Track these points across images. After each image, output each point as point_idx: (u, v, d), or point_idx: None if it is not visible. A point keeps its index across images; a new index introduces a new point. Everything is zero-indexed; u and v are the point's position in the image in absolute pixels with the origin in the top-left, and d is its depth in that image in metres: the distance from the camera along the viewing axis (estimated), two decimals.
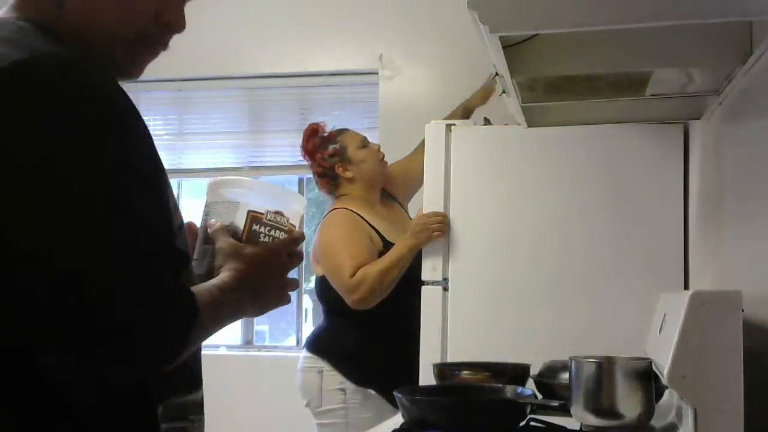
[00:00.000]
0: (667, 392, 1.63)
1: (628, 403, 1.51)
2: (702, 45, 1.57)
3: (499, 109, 2.46)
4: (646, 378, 1.53)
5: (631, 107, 2.14)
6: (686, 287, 2.40)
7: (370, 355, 2.52)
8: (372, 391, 2.56)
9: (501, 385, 1.80)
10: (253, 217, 1.15)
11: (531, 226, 2.56)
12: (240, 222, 1.15)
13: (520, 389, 1.75)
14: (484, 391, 1.84)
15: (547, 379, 1.94)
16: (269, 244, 1.14)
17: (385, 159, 2.85)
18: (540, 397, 1.86)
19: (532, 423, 1.64)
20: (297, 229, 1.19)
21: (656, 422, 1.57)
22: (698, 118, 2.11)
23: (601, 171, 2.53)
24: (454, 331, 2.59)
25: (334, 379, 2.60)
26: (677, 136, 2.48)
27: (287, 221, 1.17)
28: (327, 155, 2.82)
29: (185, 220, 1.21)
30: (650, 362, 1.55)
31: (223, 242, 1.13)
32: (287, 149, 3.69)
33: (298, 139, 3.61)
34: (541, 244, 2.54)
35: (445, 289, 2.62)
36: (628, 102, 2.08)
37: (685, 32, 1.56)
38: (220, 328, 1.07)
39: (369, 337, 2.60)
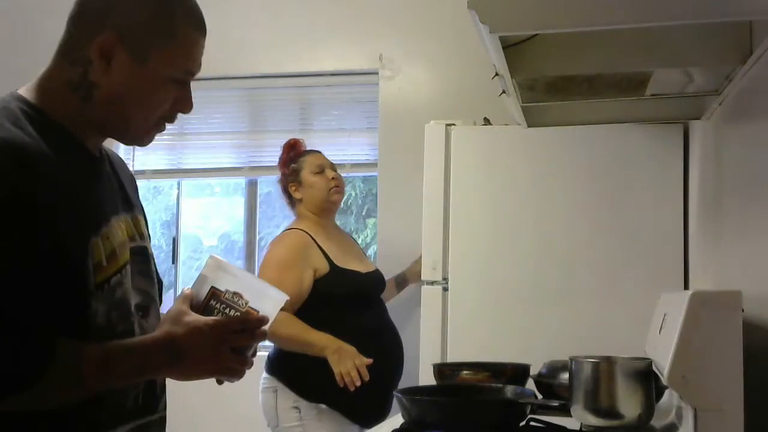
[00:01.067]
0: (667, 392, 1.63)
1: (628, 403, 1.51)
2: (702, 45, 1.57)
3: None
4: (646, 378, 1.52)
5: (631, 107, 2.14)
6: (686, 287, 2.40)
7: (319, 370, 2.55)
8: (324, 406, 2.58)
9: (501, 385, 1.80)
10: (213, 293, 1.27)
11: (531, 226, 2.56)
12: (202, 294, 1.28)
13: (520, 389, 1.75)
14: (484, 391, 1.84)
15: (547, 379, 1.94)
16: (212, 318, 1.23)
17: (340, 190, 2.86)
18: (540, 397, 1.86)
19: (532, 423, 1.64)
20: (260, 314, 1.27)
21: (656, 422, 1.57)
22: (698, 118, 2.11)
23: (601, 171, 2.54)
24: (454, 331, 2.59)
25: (288, 397, 2.63)
26: (677, 136, 2.48)
27: (245, 304, 1.27)
28: (287, 172, 2.92)
29: (185, 218, 1.28)
30: (650, 362, 1.54)
31: (174, 307, 1.23)
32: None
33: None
34: (541, 244, 2.55)
35: (445, 289, 2.62)
36: (628, 102, 2.08)
37: (685, 32, 1.56)
38: (123, 378, 1.16)
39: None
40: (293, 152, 2.96)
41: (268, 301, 1.30)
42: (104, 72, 1.16)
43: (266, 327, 1.26)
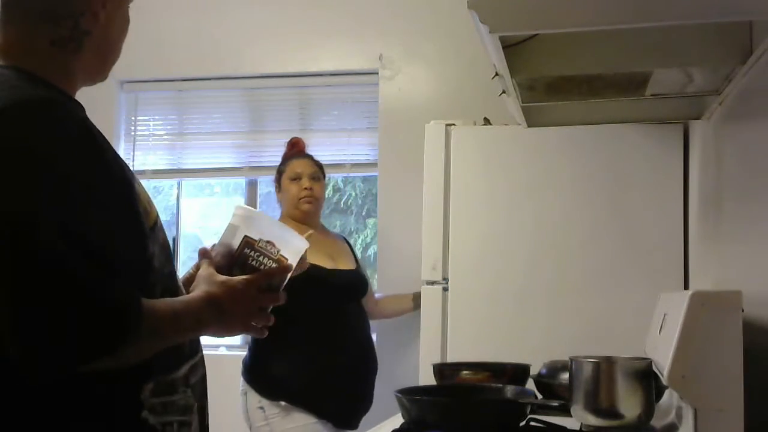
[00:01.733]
0: (667, 392, 1.63)
1: (628, 403, 1.52)
2: (702, 45, 1.57)
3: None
4: (646, 378, 1.53)
5: (631, 107, 2.14)
6: (686, 287, 2.40)
7: (275, 368, 2.62)
8: (284, 403, 2.61)
9: (501, 385, 1.80)
10: (247, 242, 1.29)
11: (531, 226, 2.56)
12: (235, 243, 1.30)
13: (520, 389, 1.75)
14: (484, 391, 1.84)
15: (547, 379, 1.94)
16: (243, 277, 1.26)
17: (310, 201, 2.87)
18: (540, 397, 1.86)
19: (532, 423, 1.64)
20: (288, 262, 1.31)
21: (656, 422, 1.57)
22: (698, 118, 2.11)
23: (601, 171, 2.53)
24: (454, 331, 2.59)
25: (254, 398, 2.68)
26: (677, 136, 2.48)
27: (277, 252, 1.30)
28: (277, 170, 3.00)
29: (185, 218, 1.29)
30: (650, 362, 1.55)
31: (203, 270, 1.27)
32: None
33: None
34: (541, 244, 2.54)
35: (445, 289, 2.62)
36: (628, 102, 2.08)
37: (685, 32, 1.56)
38: (184, 334, 1.20)
39: (278, 353, 2.64)
40: (289, 152, 3.03)
41: (291, 248, 1.33)
42: (96, 19, 1.21)
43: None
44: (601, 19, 1.29)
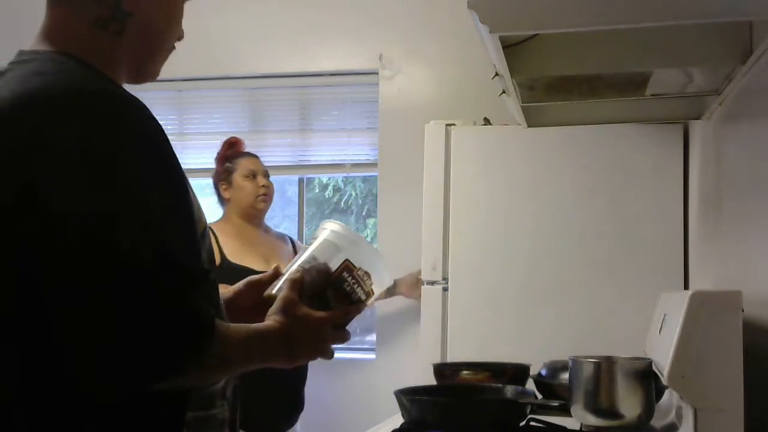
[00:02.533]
0: (667, 392, 1.63)
1: (628, 403, 1.52)
2: (702, 45, 1.57)
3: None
4: (646, 378, 1.53)
5: (631, 107, 2.14)
6: (686, 287, 2.40)
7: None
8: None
9: (501, 385, 1.80)
10: (347, 266, 1.26)
11: (531, 226, 2.56)
12: (334, 265, 1.26)
13: (520, 389, 1.75)
14: (484, 391, 1.84)
15: (547, 379, 1.94)
16: (322, 313, 1.21)
17: (267, 199, 2.88)
18: (540, 397, 1.86)
19: (532, 423, 1.64)
20: (371, 298, 1.28)
21: (656, 422, 1.57)
22: (698, 118, 2.11)
23: (601, 171, 2.53)
24: (454, 331, 2.59)
25: None
26: (677, 136, 2.48)
27: (370, 285, 1.28)
28: (220, 170, 2.95)
29: None
30: (650, 362, 1.55)
31: (287, 293, 1.20)
32: (287, 149, 3.69)
33: (298, 139, 3.61)
34: (541, 244, 2.54)
35: (445, 289, 2.62)
36: (628, 102, 2.08)
37: (685, 32, 1.56)
38: (249, 365, 1.12)
39: None
40: (231, 151, 2.98)
41: (380, 283, 1.30)
42: (136, 2, 1.15)
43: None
44: (601, 19, 1.29)
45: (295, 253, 2.97)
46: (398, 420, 1.68)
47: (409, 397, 1.63)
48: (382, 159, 3.46)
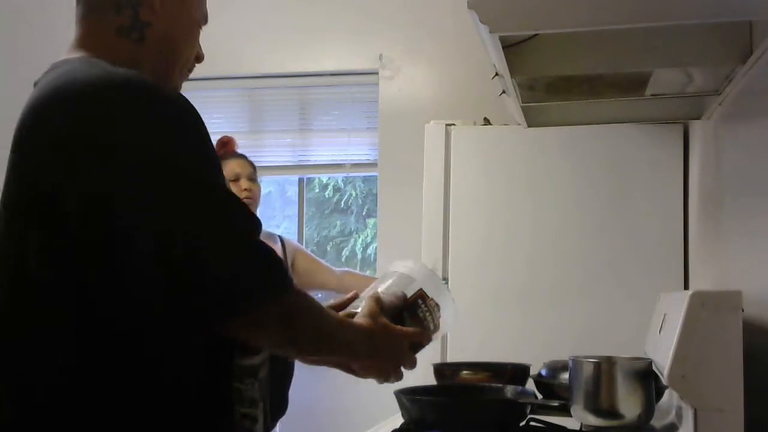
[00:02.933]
0: (667, 392, 1.63)
1: (628, 403, 1.52)
2: (702, 45, 1.57)
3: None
4: (646, 378, 1.53)
5: (631, 107, 2.14)
6: (686, 287, 2.40)
7: None
8: None
9: (501, 385, 1.80)
10: (422, 294, 1.36)
11: (531, 226, 2.56)
12: (409, 292, 1.36)
13: (520, 389, 1.75)
14: (484, 391, 1.84)
15: (547, 379, 1.94)
16: (403, 328, 1.31)
17: (250, 203, 2.87)
18: (540, 397, 1.86)
19: (532, 423, 1.64)
20: (438, 332, 1.38)
21: (656, 422, 1.57)
22: (698, 118, 2.11)
23: (601, 171, 2.54)
24: (454, 331, 2.58)
25: None
26: (677, 136, 2.48)
27: (439, 317, 1.38)
28: None
29: None
30: (650, 362, 1.55)
31: (371, 304, 1.29)
32: (287, 149, 3.69)
33: (299, 139, 3.61)
34: (541, 244, 2.54)
35: None
36: (628, 102, 2.07)
37: (685, 32, 1.56)
38: (333, 345, 1.21)
39: None
40: (222, 151, 2.99)
41: (446, 317, 1.40)
42: (153, 11, 1.23)
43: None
44: (601, 19, 1.29)
45: (284, 250, 2.99)
46: (398, 420, 1.68)
47: (409, 397, 1.63)
48: (382, 159, 3.46)
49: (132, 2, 1.23)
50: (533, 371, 2.02)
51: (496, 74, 1.63)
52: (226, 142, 3.03)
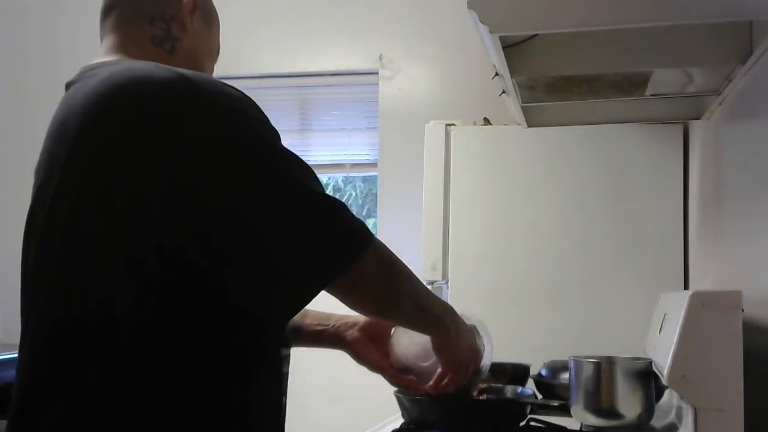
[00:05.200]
0: (667, 392, 1.63)
1: (628, 403, 1.52)
2: (702, 45, 1.57)
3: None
4: (646, 378, 1.53)
5: (631, 107, 2.14)
6: (686, 287, 2.40)
7: None
8: None
9: (501, 385, 1.80)
10: (474, 329, 1.55)
11: (531, 226, 2.56)
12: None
13: (520, 389, 1.75)
14: (484, 391, 1.84)
15: (547, 379, 1.94)
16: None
17: None
18: (540, 397, 1.86)
19: (532, 423, 1.64)
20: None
21: (656, 422, 1.57)
22: (698, 118, 2.11)
23: (601, 171, 2.53)
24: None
25: None
26: (677, 136, 2.48)
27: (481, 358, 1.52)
28: None
29: None
30: (650, 362, 1.55)
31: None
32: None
33: (299, 139, 3.60)
34: (541, 244, 2.54)
35: (445, 289, 2.62)
36: (628, 102, 2.08)
37: (685, 32, 1.56)
38: (427, 305, 1.33)
39: None
40: None
41: (485, 363, 1.53)
42: (184, 29, 1.31)
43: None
44: (601, 19, 1.29)
45: None
46: (398, 420, 1.68)
47: (409, 397, 1.63)
48: (382, 159, 3.46)
49: (166, 17, 1.29)
50: (533, 371, 2.02)
51: (496, 74, 1.63)
52: None
